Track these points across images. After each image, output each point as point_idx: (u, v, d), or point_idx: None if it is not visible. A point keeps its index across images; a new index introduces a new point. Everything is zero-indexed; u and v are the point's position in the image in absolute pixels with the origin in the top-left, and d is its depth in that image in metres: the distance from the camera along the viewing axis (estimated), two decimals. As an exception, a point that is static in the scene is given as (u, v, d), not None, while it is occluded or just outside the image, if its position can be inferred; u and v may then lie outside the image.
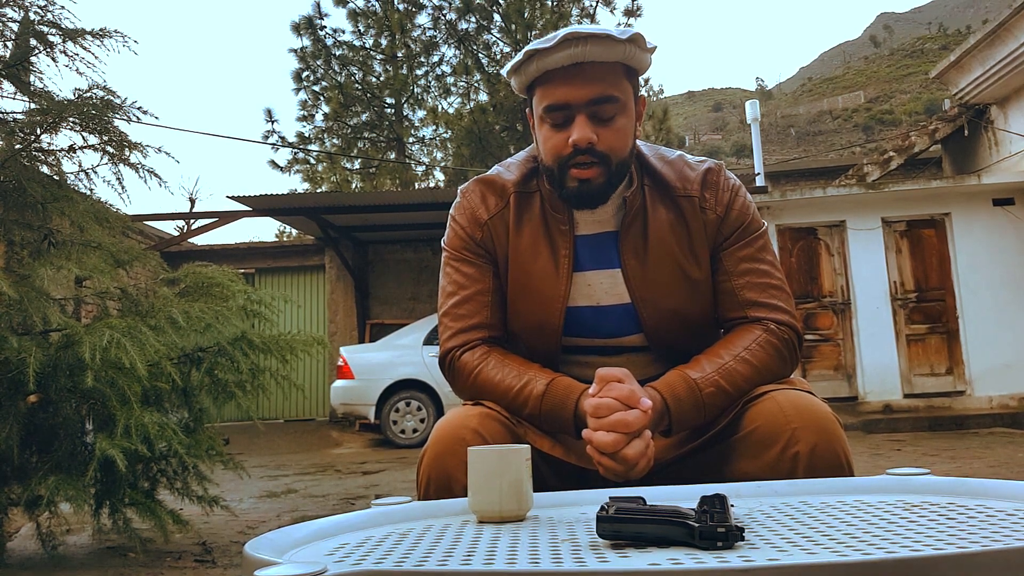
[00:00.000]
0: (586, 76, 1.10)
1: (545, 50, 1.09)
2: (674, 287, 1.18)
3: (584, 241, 1.21)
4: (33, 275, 3.00)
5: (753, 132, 11.29)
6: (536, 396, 1.12)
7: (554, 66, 1.11)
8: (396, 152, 14.65)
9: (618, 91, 1.12)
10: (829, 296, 9.26)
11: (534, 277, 1.21)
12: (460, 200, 1.28)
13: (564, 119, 1.13)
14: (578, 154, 1.11)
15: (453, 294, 1.25)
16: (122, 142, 3.43)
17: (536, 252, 1.21)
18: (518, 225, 1.23)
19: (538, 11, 12.95)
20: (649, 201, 1.20)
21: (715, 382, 1.09)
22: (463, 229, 1.26)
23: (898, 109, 56.17)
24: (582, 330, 1.22)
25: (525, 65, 1.13)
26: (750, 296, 1.18)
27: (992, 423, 8.11)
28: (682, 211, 1.20)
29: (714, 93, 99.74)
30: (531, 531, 0.78)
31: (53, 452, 2.98)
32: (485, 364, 1.18)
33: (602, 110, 1.11)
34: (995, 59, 8.92)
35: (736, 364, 1.11)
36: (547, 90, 1.13)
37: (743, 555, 0.61)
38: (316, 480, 5.77)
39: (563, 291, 1.19)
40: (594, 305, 1.21)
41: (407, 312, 10.70)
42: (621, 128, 1.13)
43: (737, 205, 1.21)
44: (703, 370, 1.11)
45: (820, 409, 1.04)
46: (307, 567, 0.57)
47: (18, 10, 3.38)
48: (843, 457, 1.01)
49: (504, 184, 1.25)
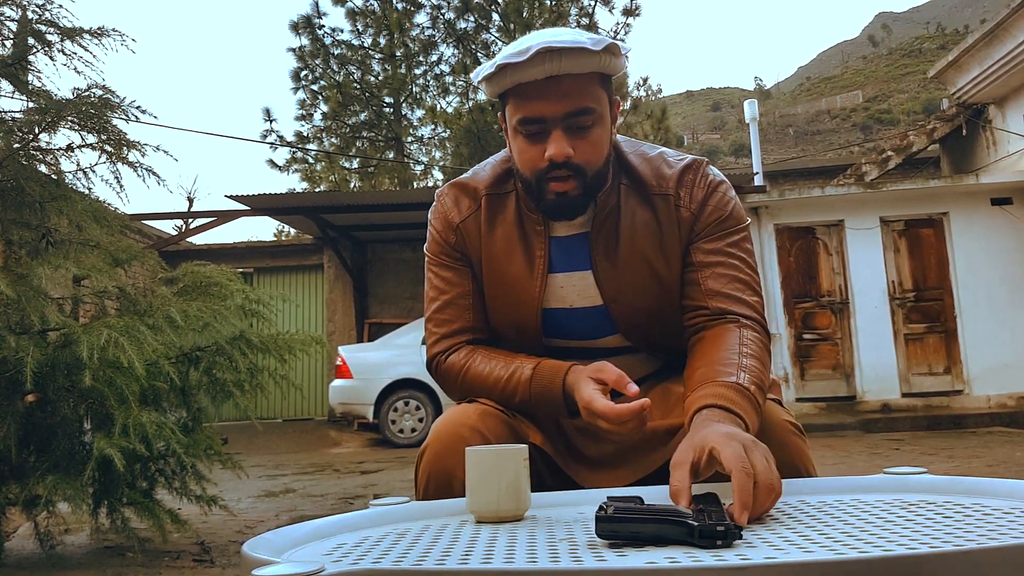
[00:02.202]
0: (562, 90, 1.07)
1: (518, 64, 1.06)
2: (646, 287, 1.17)
3: (558, 243, 1.19)
4: (31, 274, 2.99)
5: (752, 132, 11.29)
6: (524, 381, 1.12)
7: (528, 79, 1.07)
8: (395, 151, 14.65)
9: (593, 102, 1.09)
10: (827, 295, 9.27)
11: (509, 279, 1.20)
12: (435, 204, 1.28)
13: (539, 131, 1.10)
14: (554, 168, 1.09)
15: (435, 299, 1.25)
16: (120, 141, 3.43)
17: (511, 254, 1.20)
18: (490, 227, 1.21)
19: (536, 10, 12.93)
20: (623, 200, 1.18)
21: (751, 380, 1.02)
22: (439, 233, 1.25)
23: (896, 109, 56.22)
24: (560, 332, 1.21)
25: (497, 76, 1.09)
26: (713, 286, 1.14)
27: (990, 422, 8.12)
28: (656, 210, 1.17)
29: (712, 92, 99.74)
30: (529, 531, 0.78)
31: (51, 451, 2.97)
32: (472, 361, 1.18)
33: (578, 122, 1.09)
34: (993, 59, 8.93)
35: (747, 360, 1.06)
36: (521, 103, 1.10)
37: (740, 554, 0.62)
38: (314, 480, 5.77)
39: (538, 293, 1.18)
40: (567, 308, 1.20)
41: (406, 311, 10.69)
42: (597, 139, 1.11)
43: (713, 201, 1.17)
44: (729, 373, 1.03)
45: (774, 423, 1.04)
46: (304, 566, 0.58)
47: (16, 9, 3.38)
48: (802, 469, 1.02)
49: (476, 186, 1.24)
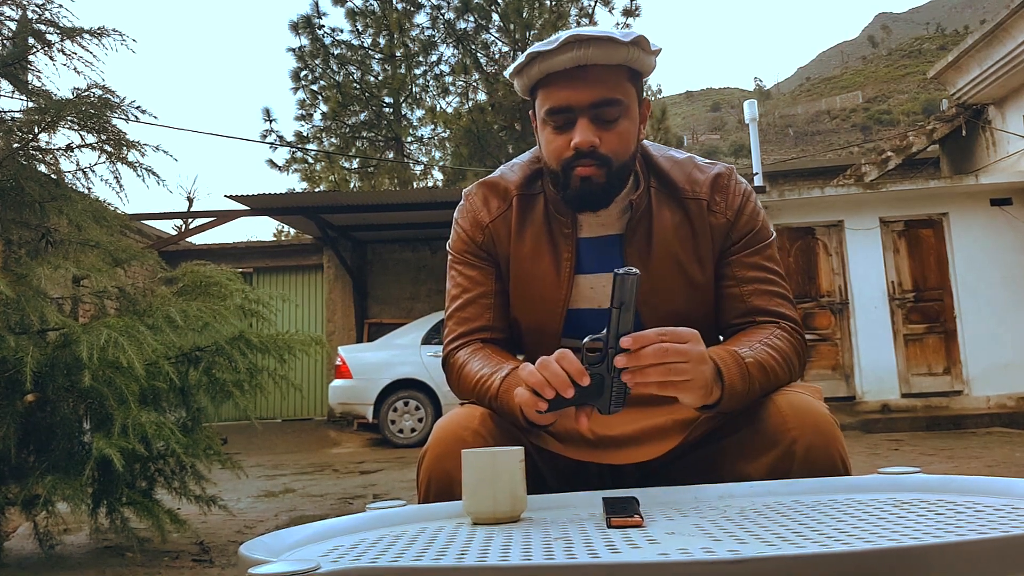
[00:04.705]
0: (589, 79, 1.10)
1: (547, 52, 1.09)
2: (676, 291, 1.18)
3: (587, 244, 1.21)
4: (31, 274, 3.00)
5: (751, 132, 11.29)
6: (492, 388, 1.11)
7: (556, 69, 1.10)
8: (394, 151, 14.65)
9: (621, 94, 1.11)
10: (827, 296, 9.27)
11: (535, 280, 1.21)
12: (463, 203, 1.29)
13: (566, 122, 1.12)
14: (580, 157, 1.11)
15: (457, 297, 1.25)
16: (120, 141, 3.43)
17: (538, 255, 1.21)
18: (520, 227, 1.22)
19: (536, 11, 12.93)
20: (655, 203, 1.19)
21: (753, 356, 1.05)
22: (465, 232, 1.26)
23: (896, 109, 56.24)
24: (584, 332, 1.21)
25: (527, 68, 1.12)
26: (758, 303, 1.17)
27: (990, 423, 8.12)
28: (689, 213, 1.19)
29: (712, 93, 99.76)
30: (525, 531, 0.79)
31: (50, 451, 2.98)
32: (470, 359, 1.19)
33: (605, 113, 1.11)
34: (993, 59, 8.94)
35: (763, 347, 1.08)
36: (549, 93, 1.13)
37: (731, 548, 0.62)
38: (314, 480, 5.77)
39: (564, 295, 1.19)
40: (596, 308, 1.21)
41: (405, 312, 10.69)
42: (624, 131, 1.13)
43: (748, 211, 1.20)
44: (737, 347, 1.07)
45: (817, 411, 1.04)
46: (300, 564, 0.58)
47: (16, 8, 3.38)
48: (839, 459, 1.02)
49: (507, 186, 1.25)
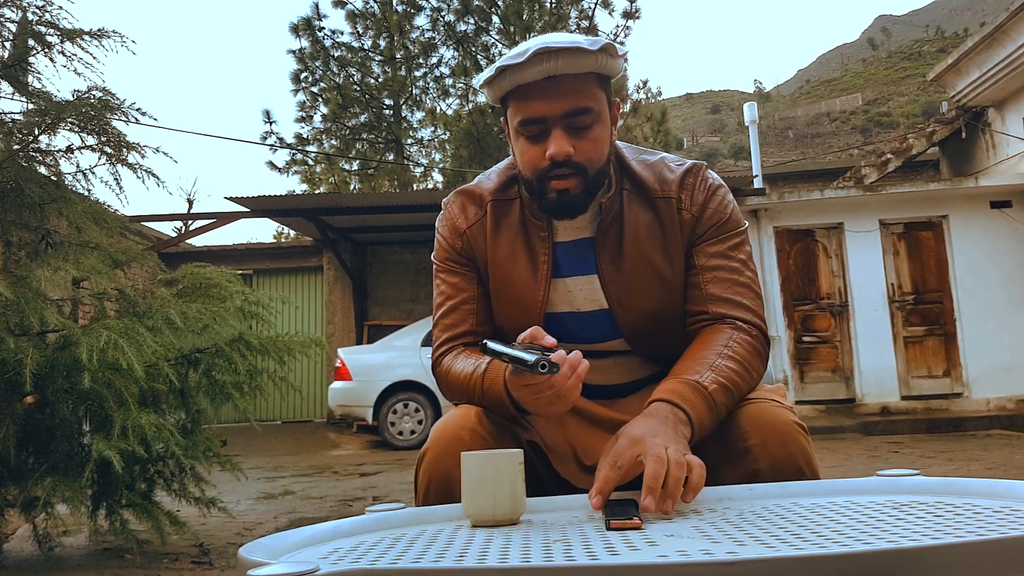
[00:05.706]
0: (560, 89, 1.10)
1: (516, 65, 1.09)
2: (649, 289, 1.19)
3: (564, 247, 1.22)
4: (30, 276, 3.00)
5: (751, 134, 11.31)
6: (478, 377, 1.13)
7: (527, 80, 1.11)
8: (394, 153, 14.66)
9: (592, 101, 1.12)
10: (827, 298, 9.27)
11: (513, 283, 1.22)
12: (443, 212, 1.31)
13: (540, 132, 1.13)
14: (556, 167, 1.12)
15: (441, 305, 1.28)
16: (120, 143, 3.44)
17: (515, 259, 1.23)
18: (496, 232, 1.24)
19: (536, 12, 12.95)
20: (626, 205, 1.21)
21: (714, 379, 1.05)
22: (445, 240, 1.29)
23: (896, 111, 56.26)
24: (564, 335, 1.22)
25: (497, 80, 1.13)
26: (714, 291, 1.17)
27: (989, 425, 8.12)
28: (659, 213, 1.20)
29: (712, 95, 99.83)
30: (524, 533, 0.79)
31: (50, 453, 2.98)
32: (455, 362, 1.20)
33: (577, 121, 1.12)
34: (992, 62, 8.95)
35: (723, 361, 1.08)
36: (521, 105, 1.13)
37: (730, 550, 0.62)
38: (314, 482, 5.77)
39: (541, 297, 1.21)
40: (574, 311, 1.22)
41: (405, 314, 10.70)
42: (597, 137, 1.14)
43: (713, 204, 1.21)
44: (696, 371, 1.06)
45: (780, 421, 1.04)
46: (299, 566, 0.58)
47: (16, 10, 3.39)
48: (805, 468, 1.02)
49: (482, 193, 1.27)
